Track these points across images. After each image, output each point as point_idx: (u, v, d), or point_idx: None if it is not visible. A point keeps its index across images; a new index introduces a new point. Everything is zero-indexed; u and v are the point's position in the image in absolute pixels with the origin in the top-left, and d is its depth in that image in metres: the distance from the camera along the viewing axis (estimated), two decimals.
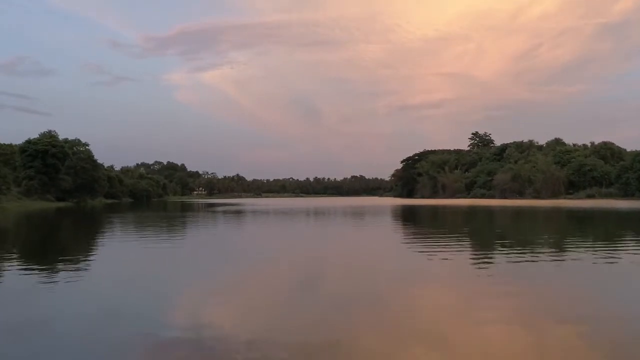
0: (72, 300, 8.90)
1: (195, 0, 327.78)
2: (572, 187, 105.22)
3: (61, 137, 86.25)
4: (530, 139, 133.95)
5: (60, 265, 13.22)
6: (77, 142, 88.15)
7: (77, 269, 12.60)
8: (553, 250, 16.33)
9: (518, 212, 48.06)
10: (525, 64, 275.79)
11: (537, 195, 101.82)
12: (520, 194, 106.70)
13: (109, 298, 8.96)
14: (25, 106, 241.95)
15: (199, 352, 5.91)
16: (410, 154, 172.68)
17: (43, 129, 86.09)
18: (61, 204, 72.51)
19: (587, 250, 15.82)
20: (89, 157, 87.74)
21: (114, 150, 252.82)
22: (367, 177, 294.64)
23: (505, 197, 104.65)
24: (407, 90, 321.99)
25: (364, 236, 23.68)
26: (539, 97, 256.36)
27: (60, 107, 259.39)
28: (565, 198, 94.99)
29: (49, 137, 76.63)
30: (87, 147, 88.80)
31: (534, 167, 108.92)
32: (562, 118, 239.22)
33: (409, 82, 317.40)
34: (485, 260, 14.15)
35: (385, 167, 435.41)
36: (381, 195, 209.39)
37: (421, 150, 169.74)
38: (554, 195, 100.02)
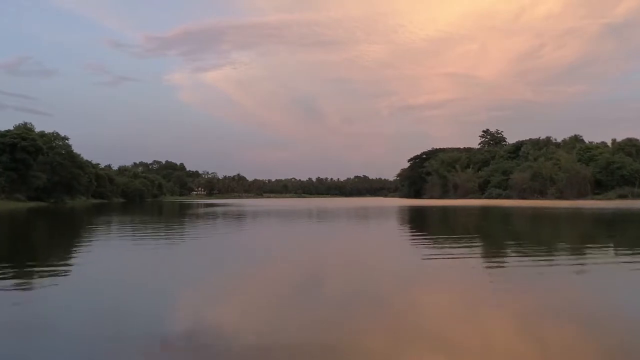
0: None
1: (197, 1, 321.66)
2: (598, 187, 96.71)
3: (65, 137, 79.38)
4: (535, 138, 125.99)
5: None
6: (55, 136, 79.66)
7: None
8: (568, 255, 15.01)
9: (569, 215, 40.08)
10: (528, 64, 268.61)
11: (561, 196, 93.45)
12: (542, 194, 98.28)
13: None
14: (27, 106, 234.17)
15: (199, 352, 5.62)
16: (414, 155, 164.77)
17: (44, 129, 78.45)
18: (34, 204, 64.66)
19: (608, 255, 14.45)
20: (67, 152, 79.33)
21: (115, 150, 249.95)
22: (370, 178, 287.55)
23: (525, 198, 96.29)
24: (410, 90, 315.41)
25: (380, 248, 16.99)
26: (542, 98, 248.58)
27: (62, 107, 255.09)
28: (593, 198, 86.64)
29: (22, 130, 68.46)
30: (66, 141, 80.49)
31: (556, 165, 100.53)
32: (565, 118, 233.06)
33: (411, 82, 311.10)
34: (497, 263, 13.19)
35: (388, 168, 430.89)
36: (386, 196, 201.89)
37: (428, 149, 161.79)
38: (580, 195, 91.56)
